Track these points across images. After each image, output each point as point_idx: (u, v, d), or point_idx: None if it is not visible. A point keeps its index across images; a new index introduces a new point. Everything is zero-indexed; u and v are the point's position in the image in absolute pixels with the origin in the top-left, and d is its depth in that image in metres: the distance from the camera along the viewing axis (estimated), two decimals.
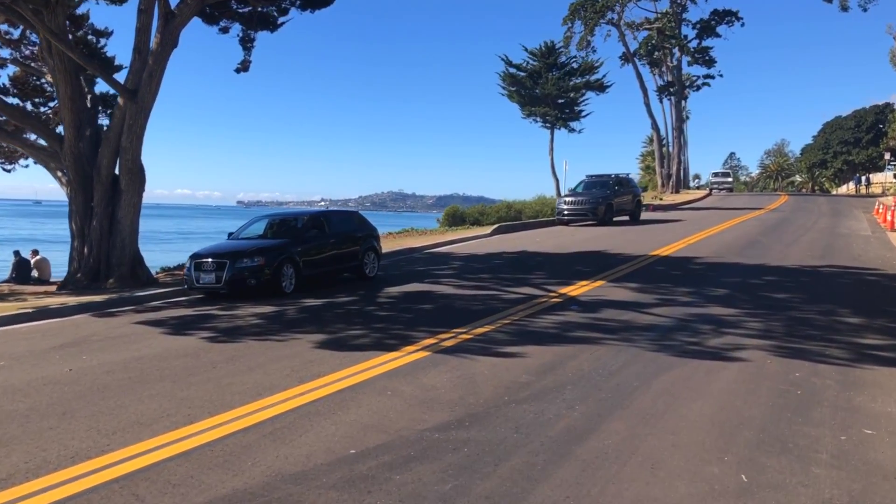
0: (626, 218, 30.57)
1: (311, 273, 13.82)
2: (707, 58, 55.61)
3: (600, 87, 40.75)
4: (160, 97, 15.81)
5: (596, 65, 40.83)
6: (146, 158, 16.08)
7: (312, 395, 6.76)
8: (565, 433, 5.70)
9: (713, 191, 68.34)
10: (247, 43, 17.57)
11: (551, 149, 41.09)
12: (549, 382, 7.14)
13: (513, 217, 40.17)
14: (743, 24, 55.79)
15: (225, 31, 17.31)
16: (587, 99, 41.38)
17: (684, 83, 59.37)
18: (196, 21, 17.56)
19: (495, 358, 8.17)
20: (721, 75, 58.11)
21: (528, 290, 13.10)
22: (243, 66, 17.96)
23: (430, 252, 20.77)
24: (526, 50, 40.56)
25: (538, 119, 40.35)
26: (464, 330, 9.68)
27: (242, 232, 14.89)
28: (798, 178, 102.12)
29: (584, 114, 41.53)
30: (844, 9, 52.26)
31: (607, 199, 28.42)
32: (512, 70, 40.04)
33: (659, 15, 57.99)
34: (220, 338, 9.62)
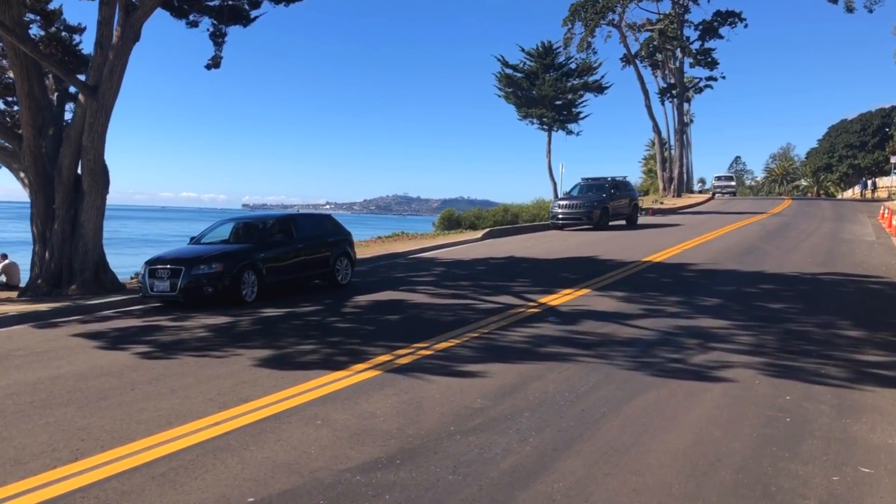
0: (622, 222, 29.69)
1: (276, 280, 12.97)
2: (709, 59, 54.69)
3: (598, 89, 39.77)
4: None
5: (594, 65, 39.93)
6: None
7: (230, 424, 5.93)
8: (510, 474, 4.86)
9: (716, 195, 67.51)
10: (218, 38, 16.70)
11: (549, 151, 40.23)
12: (506, 408, 6.30)
13: (509, 221, 39.38)
14: (746, 26, 55.00)
15: (194, 24, 16.45)
16: (585, 100, 40.50)
17: (686, 85, 58.49)
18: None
19: (452, 378, 7.33)
20: (723, 77, 57.12)
21: (506, 300, 12.27)
22: (214, 63, 17.09)
23: (415, 257, 19.94)
24: (523, 50, 39.69)
25: (535, 121, 39.45)
26: (425, 345, 8.84)
27: (206, 236, 14.03)
28: (804, 183, 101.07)
29: (582, 115, 40.65)
30: (850, 10, 51.40)
31: (603, 203, 27.53)
32: (508, 71, 39.13)
33: (661, 16, 57.18)
34: (155, 353, 8.79)
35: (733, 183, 69.90)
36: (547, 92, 37.24)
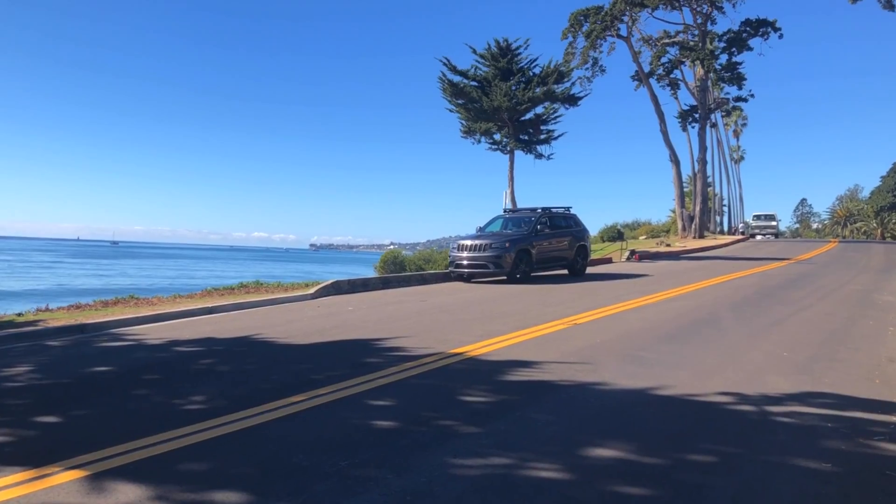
0: (564, 272, 20.92)
1: None
2: (734, 74, 45.49)
3: (569, 100, 30.89)
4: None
5: (564, 70, 31.17)
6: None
7: None
8: None
9: (757, 236, 58.14)
10: None
11: (511, 178, 31.49)
12: None
13: None
14: (780, 36, 46.03)
15: None
16: (559, 115, 31.73)
17: (710, 107, 49.44)
18: None
19: None
20: (752, 95, 47.95)
21: None
22: None
23: (116, 332, 11.65)
24: (474, 52, 31.33)
25: (482, 139, 30.83)
26: None
27: None
28: (873, 223, 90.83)
29: (555, 134, 31.89)
30: None
31: (521, 244, 18.75)
32: (457, 78, 30.81)
33: (684, 26, 48.52)
34: None
35: (774, 223, 59.67)
36: (500, 102, 28.79)
